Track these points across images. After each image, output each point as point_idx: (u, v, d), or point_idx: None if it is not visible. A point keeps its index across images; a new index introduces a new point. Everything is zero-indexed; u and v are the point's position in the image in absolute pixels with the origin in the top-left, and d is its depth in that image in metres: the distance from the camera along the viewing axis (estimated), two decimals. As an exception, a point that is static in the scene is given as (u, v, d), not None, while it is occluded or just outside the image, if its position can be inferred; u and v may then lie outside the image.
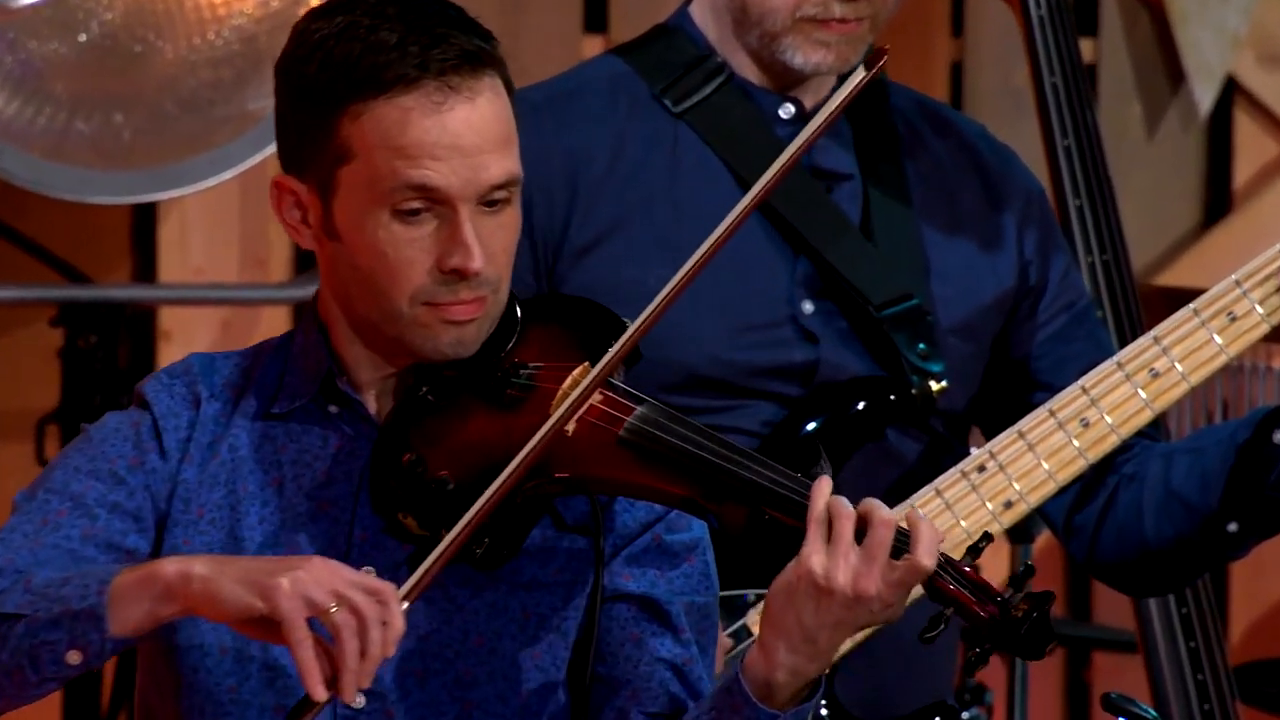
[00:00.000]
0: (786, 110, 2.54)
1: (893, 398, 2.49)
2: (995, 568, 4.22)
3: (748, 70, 2.52)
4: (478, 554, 1.63)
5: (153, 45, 3.53)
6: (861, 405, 2.49)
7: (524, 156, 1.60)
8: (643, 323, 1.68)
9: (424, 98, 1.62)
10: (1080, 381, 2.48)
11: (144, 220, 4.14)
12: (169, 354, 4.04)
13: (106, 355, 3.79)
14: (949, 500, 2.47)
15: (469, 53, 1.63)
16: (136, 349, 4.07)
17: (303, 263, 4.17)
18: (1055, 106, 3.22)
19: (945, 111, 2.75)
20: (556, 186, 2.46)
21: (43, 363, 3.94)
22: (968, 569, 1.60)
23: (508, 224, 1.70)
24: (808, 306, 2.50)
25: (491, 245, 1.66)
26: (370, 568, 1.63)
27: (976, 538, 1.66)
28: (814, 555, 1.56)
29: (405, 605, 1.55)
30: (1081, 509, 2.56)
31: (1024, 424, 2.49)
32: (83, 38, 3.51)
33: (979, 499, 2.47)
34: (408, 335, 1.67)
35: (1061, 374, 2.54)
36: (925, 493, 2.47)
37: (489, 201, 1.66)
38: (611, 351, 1.65)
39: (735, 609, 2.41)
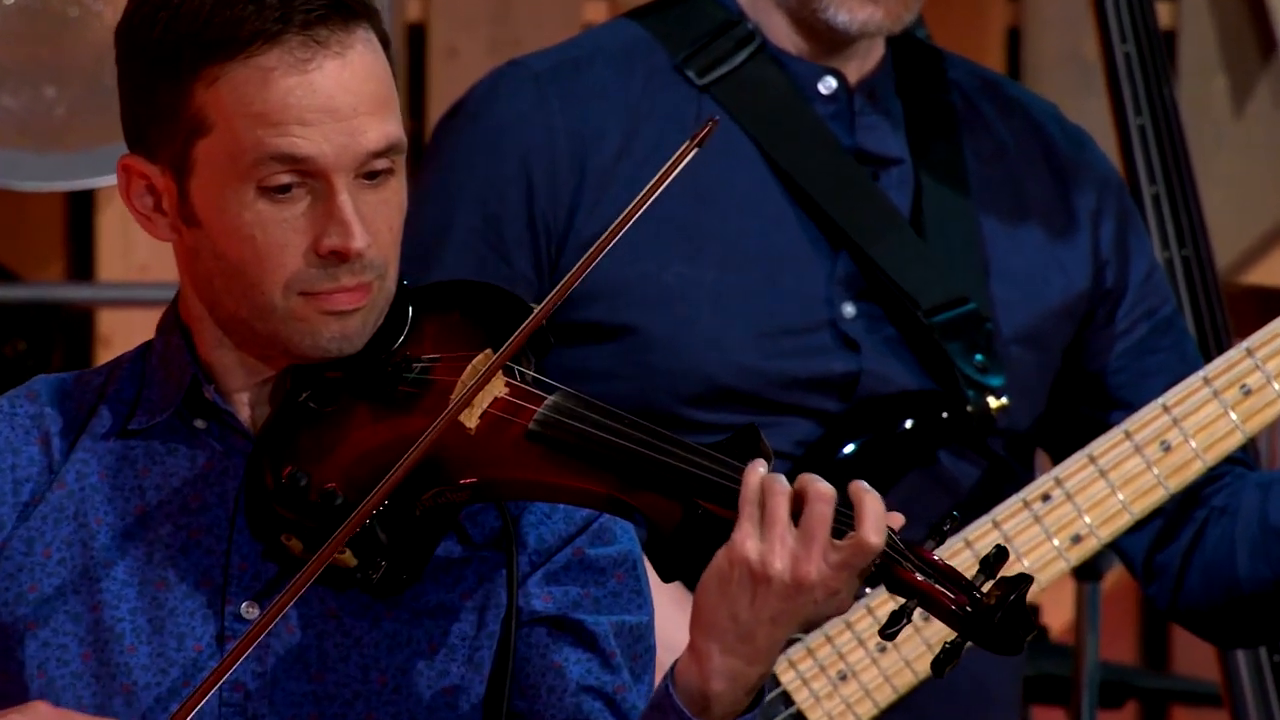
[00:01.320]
0: (827, 84, 2.53)
1: (945, 415, 2.49)
2: (1059, 610, 4.22)
3: (783, 37, 2.52)
4: (375, 579, 1.62)
5: (89, 9, 3.53)
6: (909, 424, 2.49)
7: (525, 135, 1.60)
8: (548, 304, 1.66)
9: (287, 55, 1.61)
10: (1161, 399, 2.48)
11: (80, 210, 4.14)
12: (108, 361, 4.01)
13: (38, 363, 3.79)
14: (1009, 533, 2.46)
15: (336, 1, 1.62)
16: (72, 356, 4.06)
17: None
18: (1128, 80, 3.22)
19: (1010, 87, 2.75)
20: (561, 169, 2.46)
21: (-37, 371, 3.95)
22: (929, 553, 1.59)
23: (392, 199, 1.68)
24: (849, 310, 2.50)
25: (374, 223, 1.65)
26: (254, 603, 1.63)
27: (987, 551, 1.64)
28: (747, 539, 1.56)
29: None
30: (1163, 547, 2.55)
31: (1096, 447, 2.48)
32: (8, 0, 3.51)
33: (1043, 532, 2.47)
34: (284, 331, 1.66)
35: (1141, 390, 2.54)
36: (982, 524, 2.47)
37: (369, 173, 1.65)
38: (514, 337, 1.64)
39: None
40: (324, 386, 1.69)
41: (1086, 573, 3.62)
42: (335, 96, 1.62)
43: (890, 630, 1.58)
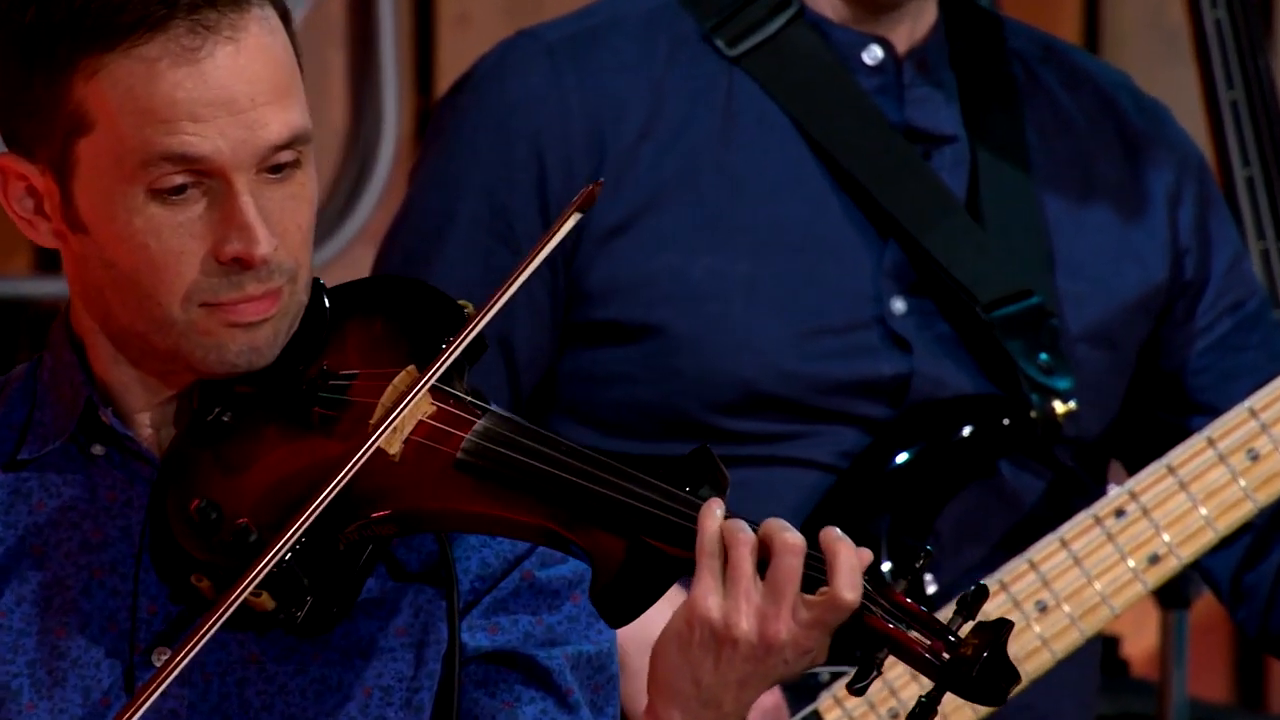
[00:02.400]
0: (872, 54, 2.54)
1: (1006, 422, 2.50)
2: (1141, 641, 4.21)
3: (823, 2, 2.53)
4: (299, 617, 1.61)
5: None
6: (967, 431, 2.49)
7: (537, 114, 1.59)
8: (486, 312, 1.64)
9: (172, 44, 1.58)
10: (1248, 402, 2.48)
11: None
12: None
13: (3, 363, 3.81)
14: (1078, 553, 2.46)
15: None
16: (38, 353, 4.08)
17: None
18: (1219, 49, 3.20)
19: (1077, 55, 2.75)
20: (578, 151, 2.47)
21: (-78, 373, 3.98)
22: (900, 596, 1.58)
23: (300, 193, 1.66)
24: (898, 305, 2.51)
25: (281, 222, 1.63)
26: (166, 649, 1.61)
27: (968, 591, 1.61)
28: (708, 596, 1.55)
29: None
30: (1252, 567, 2.55)
31: (1175, 456, 2.49)
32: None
33: (1117, 552, 2.47)
34: (185, 346, 1.64)
35: (1225, 392, 2.54)
36: (1048, 544, 2.47)
37: (273, 167, 1.63)
38: (443, 358, 1.63)
39: (806, 690, 2.42)
40: (234, 403, 1.68)
41: (1172, 599, 3.60)
42: (230, 87, 1.60)
43: (858, 685, 1.58)
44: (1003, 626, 1.56)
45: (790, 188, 2.49)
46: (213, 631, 1.55)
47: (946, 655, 1.55)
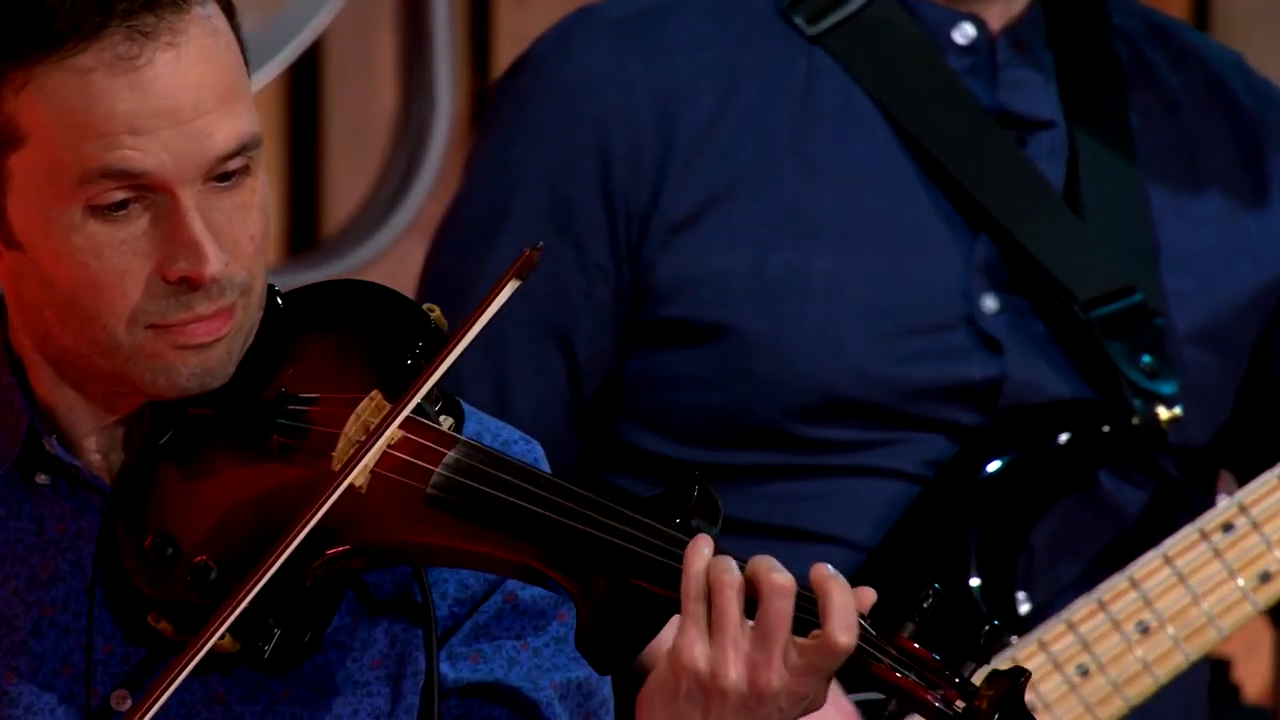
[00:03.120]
0: (964, 33, 2.54)
1: (1106, 429, 2.49)
2: (1254, 665, 4.19)
3: (911, -23, 2.53)
4: (266, 651, 1.60)
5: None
6: (1063, 439, 2.49)
7: (601, 97, 1.57)
8: (461, 336, 1.64)
9: (108, 52, 1.56)
10: (1368, 408, 2.48)
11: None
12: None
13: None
14: (1183, 570, 2.46)
15: None
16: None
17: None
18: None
19: (1186, 35, 2.73)
20: (644, 138, 2.47)
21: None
22: (907, 641, 1.56)
23: (250, 201, 1.64)
24: (990, 303, 2.51)
25: (232, 233, 1.61)
26: (125, 692, 1.61)
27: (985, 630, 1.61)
28: (694, 645, 1.54)
29: None
30: (1375, 589, 2.54)
31: (1289, 465, 2.48)
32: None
33: (1225, 569, 2.46)
34: (133, 370, 1.63)
35: None
36: (1151, 560, 2.47)
37: (221, 175, 1.61)
38: (414, 391, 1.62)
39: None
40: (187, 426, 1.66)
41: (1286, 619, 3.59)
42: (172, 96, 1.57)
43: None
44: (1019, 675, 1.54)
45: (874, 177, 2.49)
46: (177, 683, 1.54)
47: (961, 705, 1.54)
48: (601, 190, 2.46)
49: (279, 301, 1.71)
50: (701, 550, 1.54)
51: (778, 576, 1.53)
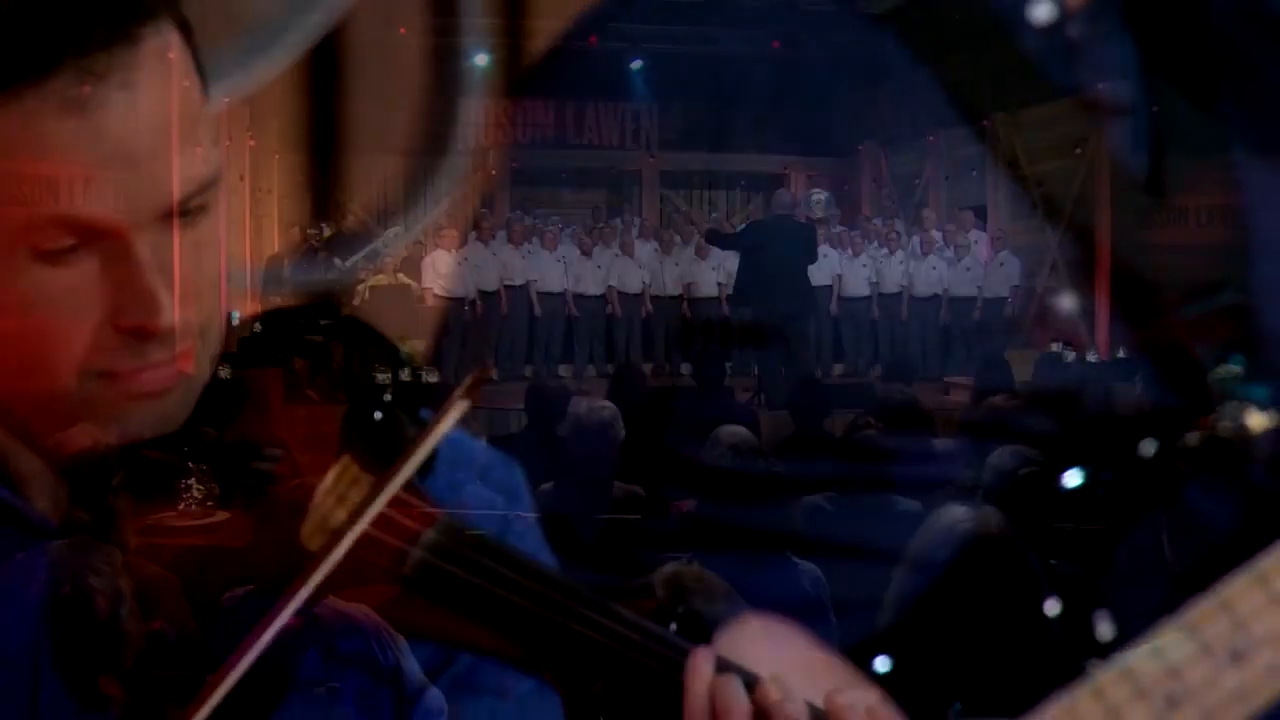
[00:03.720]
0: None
1: (1195, 436, 2.37)
2: None
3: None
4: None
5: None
6: (1148, 448, 2.39)
7: None
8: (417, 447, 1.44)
9: (54, 95, 1.45)
10: None
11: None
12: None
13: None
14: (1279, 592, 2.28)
15: (115, 13, 1.49)
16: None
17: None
18: None
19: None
20: None
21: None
22: None
23: (207, 239, 1.56)
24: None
25: (187, 275, 1.53)
26: None
27: None
28: None
29: None
30: None
31: None
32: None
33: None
34: (85, 417, 1.54)
35: None
36: (1244, 580, 2.29)
37: (179, 212, 1.53)
38: (388, 489, 1.45)
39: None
40: (141, 470, 1.61)
41: None
42: (125, 140, 1.48)
43: None
44: None
45: None
46: None
47: None
48: None
49: (240, 338, 1.66)
50: (702, 670, 1.38)
51: (790, 708, 1.36)
